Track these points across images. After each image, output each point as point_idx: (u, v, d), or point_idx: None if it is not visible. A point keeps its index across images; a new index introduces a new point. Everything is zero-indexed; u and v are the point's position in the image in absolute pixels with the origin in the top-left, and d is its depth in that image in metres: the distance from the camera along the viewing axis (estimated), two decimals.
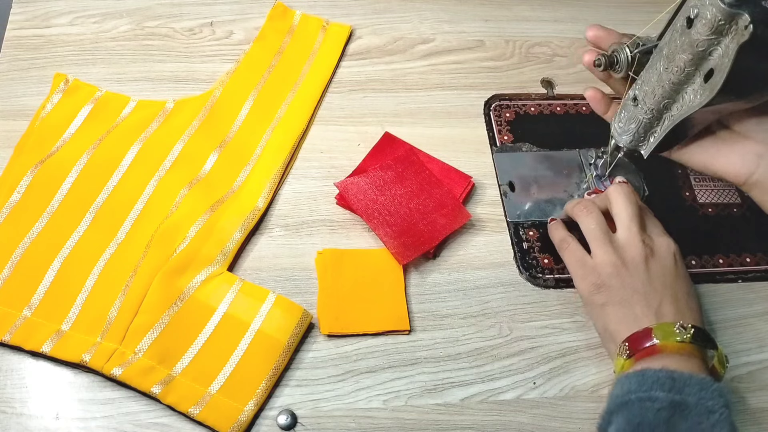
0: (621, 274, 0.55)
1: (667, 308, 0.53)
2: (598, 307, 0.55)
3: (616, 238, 0.57)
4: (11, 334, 0.53)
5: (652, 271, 0.55)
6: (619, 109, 0.59)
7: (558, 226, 0.62)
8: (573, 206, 0.61)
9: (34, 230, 0.58)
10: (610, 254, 0.55)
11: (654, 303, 0.53)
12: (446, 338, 0.58)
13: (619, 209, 0.58)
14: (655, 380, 0.48)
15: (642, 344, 0.51)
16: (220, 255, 0.58)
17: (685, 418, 0.46)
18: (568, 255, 0.59)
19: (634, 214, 0.57)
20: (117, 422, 0.51)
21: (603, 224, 0.58)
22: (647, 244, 0.56)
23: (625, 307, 0.54)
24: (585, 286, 0.56)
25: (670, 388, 0.47)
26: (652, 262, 0.55)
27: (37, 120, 0.64)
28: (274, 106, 0.69)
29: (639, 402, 0.48)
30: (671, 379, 0.48)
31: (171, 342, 0.54)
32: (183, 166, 0.63)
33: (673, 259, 0.56)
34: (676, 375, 0.48)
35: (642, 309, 0.53)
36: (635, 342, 0.52)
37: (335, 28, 0.75)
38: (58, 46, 0.70)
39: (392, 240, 0.60)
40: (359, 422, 0.53)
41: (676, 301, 0.54)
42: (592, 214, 0.58)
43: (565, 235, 0.60)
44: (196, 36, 0.73)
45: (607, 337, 0.55)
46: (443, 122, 0.71)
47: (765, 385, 0.59)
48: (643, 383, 0.48)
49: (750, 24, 0.44)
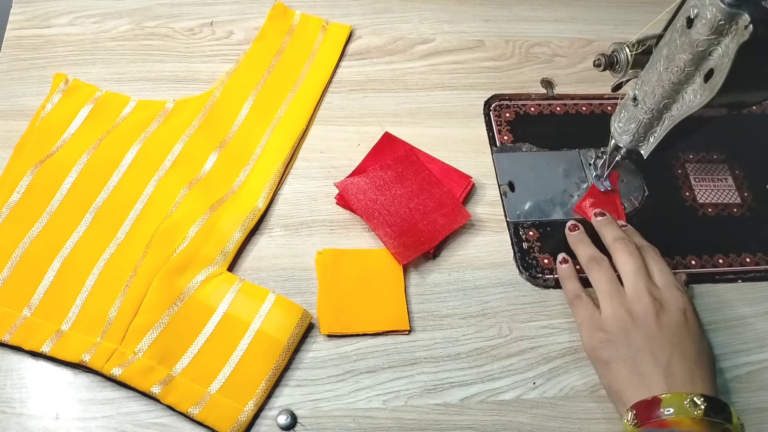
0: (627, 330, 0.53)
1: (676, 367, 0.51)
2: (602, 363, 0.54)
3: (625, 293, 0.55)
4: (11, 334, 0.53)
5: (661, 326, 0.53)
6: (618, 109, 0.59)
7: (570, 275, 0.60)
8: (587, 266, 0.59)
9: (34, 230, 0.58)
10: (617, 308, 0.54)
11: (662, 360, 0.51)
12: (446, 338, 0.58)
13: (622, 263, 0.57)
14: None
15: (650, 416, 0.49)
16: (220, 255, 0.58)
17: None
18: (577, 309, 0.57)
19: (637, 267, 0.56)
20: (117, 422, 0.51)
21: (614, 279, 0.56)
22: (656, 298, 0.54)
23: (630, 366, 0.52)
24: (590, 341, 0.55)
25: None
26: (661, 317, 0.53)
27: (37, 120, 0.64)
28: (274, 106, 0.69)
29: None
30: None
31: (171, 342, 0.54)
32: (183, 166, 0.63)
33: (683, 316, 0.54)
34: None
35: (648, 367, 0.51)
36: (643, 411, 0.49)
37: (335, 28, 0.75)
38: (58, 46, 0.70)
39: (392, 240, 0.60)
40: (359, 422, 0.53)
41: (685, 359, 0.52)
42: (602, 268, 0.57)
43: (578, 290, 0.58)
44: (196, 36, 0.73)
45: (613, 396, 0.53)
46: (443, 122, 0.71)
47: (765, 385, 0.59)
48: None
49: (750, 24, 0.44)
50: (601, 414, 0.55)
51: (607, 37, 0.79)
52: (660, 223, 0.66)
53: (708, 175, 0.70)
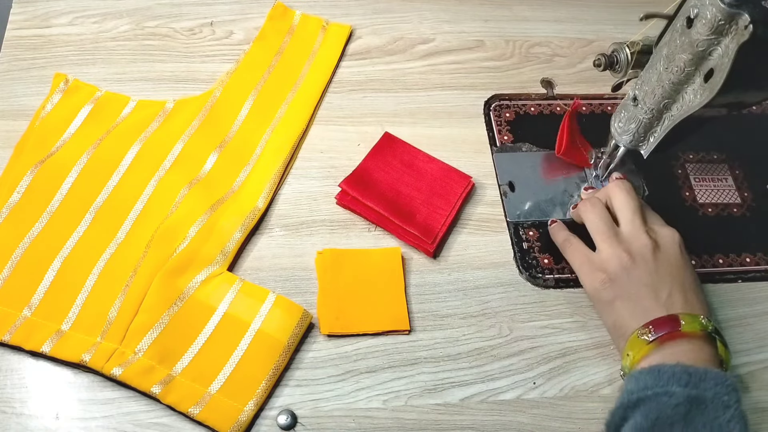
0: (628, 268, 0.54)
1: (675, 298, 0.53)
2: (606, 303, 0.55)
3: (621, 232, 0.57)
4: (11, 334, 0.53)
5: (659, 262, 0.55)
6: (618, 109, 0.59)
7: (560, 226, 0.62)
8: (578, 207, 0.61)
9: (34, 230, 0.58)
10: (616, 248, 0.55)
11: (663, 294, 0.53)
12: (446, 338, 0.58)
13: (621, 204, 0.58)
14: (671, 375, 0.48)
15: (666, 328, 0.51)
16: (220, 255, 0.58)
17: (702, 412, 0.46)
18: (572, 253, 0.59)
19: (636, 207, 0.57)
20: (117, 422, 0.51)
21: (608, 219, 0.57)
22: (651, 236, 0.56)
23: (634, 301, 0.54)
24: (592, 283, 0.56)
25: (687, 382, 0.47)
26: (658, 253, 0.55)
27: (37, 120, 0.64)
28: (274, 106, 0.69)
29: (656, 397, 0.47)
30: (687, 373, 0.48)
31: (171, 342, 0.54)
32: (183, 166, 0.63)
33: (678, 249, 0.56)
34: (692, 370, 0.48)
35: (650, 302, 0.53)
36: (660, 325, 0.52)
37: (335, 28, 0.75)
38: (58, 46, 0.70)
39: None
40: (359, 422, 0.53)
41: (683, 291, 0.54)
42: (596, 209, 0.58)
43: (567, 235, 0.60)
44: (196, 36, 0.73)
45: (616, 333, 0.55)
46: (443, 122, 0.71)
47: (765, 385, 0.59)
48: (660, 378, 0.48)
49: (750, 24, 0.44)
50: (601, 414, 0.55)
51: (607, 37, 0.79)
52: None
53: (708, 175, 0.70)
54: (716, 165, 0.71)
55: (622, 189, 0.58)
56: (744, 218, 0.68)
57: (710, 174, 0.70)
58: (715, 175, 0.70)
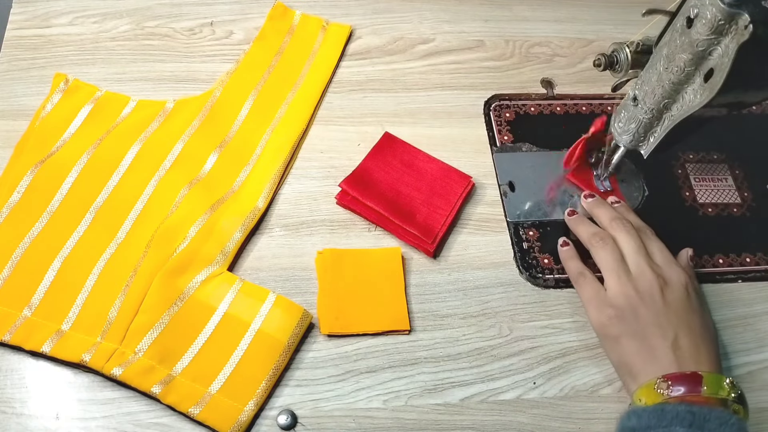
0: (635, 305, 0.54)
1: (683, 341, 0.52)
2: (612, 339, 0.55)
3: (629, 271, 0.56)
4: (11, 334, 0.53)
5: (666, 301, 0.54)
6: (618, 109, 0.59)
7: (572, 255, 0.61)
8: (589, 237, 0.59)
9: (34, 230, 0.58)
10: (625, 285, 0.55)
11: (669, 335, 0.53)
12: (446, 338, 0.58)
13: (622, 243, 0.57)
14: (674, 415, 0.47)
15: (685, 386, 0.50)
16: (220, 255, 0.58)
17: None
18: (583, 287, 0.58)
19: (638, 245, 0.57)
20: (117, 422, 0.51)
21: (619, 257, 0.57)
22: (659, 275, 0.55)
23: (640, 340, 0.53)
24: (599, 318, 0.55)
25: (690, 423, 0.47)
26: (666, 292, 0.54)
27: (37, 120, 0.64)
28: (274, 106, 0.69)
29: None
30: (691, 413, 0.47)
31: (171, 342, 0.54)
32: (183, 166, 0.63)
33: (685, 291, 0.55)
34: (696, 410, 0.47)
35: (658, 341, 0.53)
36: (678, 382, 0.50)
37: (335, 28, 0.75)
38: (58, 46, 0.70)
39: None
40: (359, 422, 0.53)
41: (691, 333, 0.53)
42: (607, 246, 0.57)
43: (582, 268, 0.59)
44: (196, 36, 0.73)
45: (623, 370, 0.55)
46: (443, 122, 0.71)
47: (765, 385, 0.59)
48: (663, 418, 0.48)
49: (750, 24, 0.44)
50: (601, 414, 0.55)
51: (607, 37, 0.79)
52: (660, 223, 0.66)
53: (708, 175, 0.70)
54: (716, 165, 0.71)
55: (620, 230, 0.58)
56: (744, 218, 0.68)
57: (710, 174, 0.70)
58: (715, 175, 0.70)
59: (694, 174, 0.70)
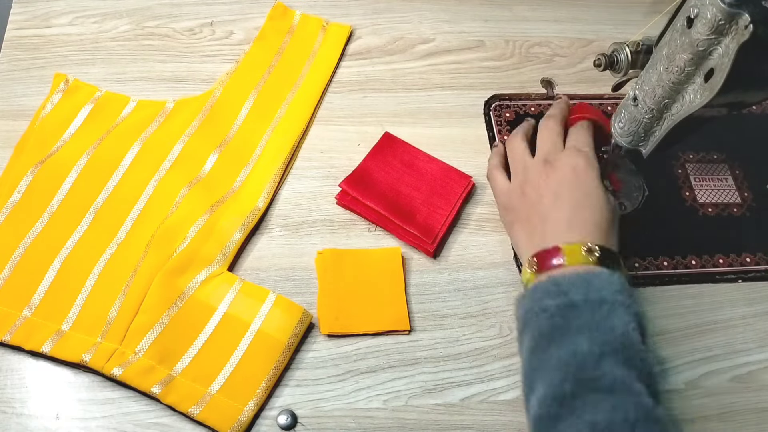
0: (525, 193, 0.57)
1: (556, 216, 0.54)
2: (508, 225, 0.59)
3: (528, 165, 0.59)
4: (11, 334, 0.53)
5: (548, 184, 0.56)
6: (619, 109, 0.59)
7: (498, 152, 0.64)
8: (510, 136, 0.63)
9: (34, 230, 0.58)
10: (518, 176, 0.59)
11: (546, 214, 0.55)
12: (446, 338, 0.58)
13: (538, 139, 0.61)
14: (543, 291, 0.50)
15: (550, 262, 0.52)
16: (220, 255, 0.58)
17: (577, 316, 0.47)
18: (492, 182, 0.62)
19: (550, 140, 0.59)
20: (117, 422, 0.51)
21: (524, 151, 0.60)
22: (550, 161, 0.57)
23: (525, 225, 0.56)
24: (499, 208, 0.61)
25: (557, 293, 0.49)
26: (551, 174, 0.56)
27: (37, 120, 0.64)
28: (274, 106, 0.69)
29: (535, 316, 0.49)
30: (555, 284, 0.49)
31: (171, 342, 0.54)
32: (183, 166, 0.63)
33: (571, 171, 0.56)
34: (560, 279, 0.49)
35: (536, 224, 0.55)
36: (543, 259, 0.52)
37: (335, 28, 0.75)
38: (58, 46, 0.70)
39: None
40: (359, 422, 0.53)
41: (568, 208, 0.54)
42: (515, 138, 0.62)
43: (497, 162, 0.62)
44: (196, 36, 0.73)
45: (519, 254, 0.57)
46: (443, 122, 0.71)
47: (765, 385, 0.59)
48: (534, 297, 0.50)
49: (750, 24, 0.44)
50: None
51: (607, 37, 0.79)
52: (660, 223, 0.66)
53: (708, 175, 0.70)
54: (716, 165, 0.71)
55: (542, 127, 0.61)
56: (744, 218, 0.68)
57: (710, 174, 0.70)
58: (715, 175, 0.70)
59: (694, 174, 0.70)
